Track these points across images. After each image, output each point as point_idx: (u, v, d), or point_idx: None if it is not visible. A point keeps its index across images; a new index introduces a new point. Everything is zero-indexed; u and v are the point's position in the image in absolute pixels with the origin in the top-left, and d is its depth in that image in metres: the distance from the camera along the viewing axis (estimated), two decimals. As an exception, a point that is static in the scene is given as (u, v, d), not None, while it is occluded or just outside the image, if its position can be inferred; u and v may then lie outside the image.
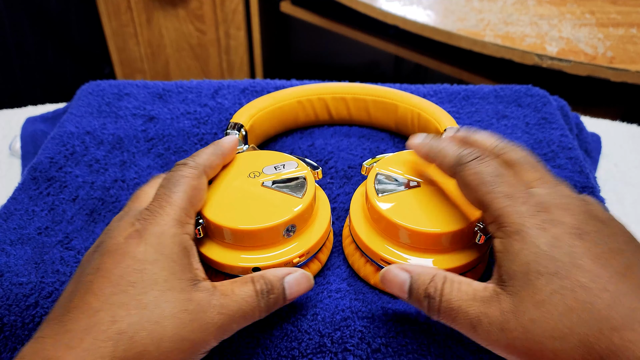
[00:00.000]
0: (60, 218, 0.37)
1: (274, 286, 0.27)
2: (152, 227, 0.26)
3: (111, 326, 0.23)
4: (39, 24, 1.16)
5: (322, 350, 0.29)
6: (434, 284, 0.26)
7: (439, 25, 0.89)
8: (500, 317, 0.24)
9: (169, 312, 0.24)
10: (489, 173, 0.26)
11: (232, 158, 0.34)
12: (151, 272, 0.25)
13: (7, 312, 0.30)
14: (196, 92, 0.49)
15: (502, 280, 0.25)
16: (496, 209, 0.26)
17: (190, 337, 0.24)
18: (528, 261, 0.24)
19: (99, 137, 0.44)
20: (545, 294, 0.23)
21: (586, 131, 0.51)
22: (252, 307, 0.26)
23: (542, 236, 0.24)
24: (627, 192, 0.48)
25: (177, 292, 0.25)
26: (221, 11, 1.22)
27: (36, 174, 0.40)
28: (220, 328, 0.25)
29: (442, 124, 0.39)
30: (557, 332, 0.22)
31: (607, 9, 0.94)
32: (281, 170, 0.33)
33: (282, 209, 0.30)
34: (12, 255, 0.34)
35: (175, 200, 0.28)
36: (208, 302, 0.25)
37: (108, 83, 0.50)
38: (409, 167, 0.33)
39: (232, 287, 0.27)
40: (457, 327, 0.25)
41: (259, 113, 0.41)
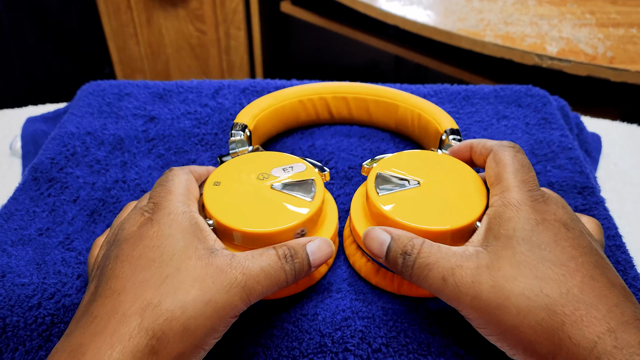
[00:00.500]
0: (61, 219, 0.37)
1: (297, 252, 0.28)
2: (161, 210, 0.28)
3: (135, 303, 0.24)
4: (39, 24, 1.16)
5: (323, 350, 0.29)
6: (412, 244, 0.28)
7: (439, 25, 0.89)
8: (474, 270, 0.26)
9: (190, 278, 0.25)
10: (520, 161, 0.29)
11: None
12: (168, 246, 0.26)
13: (9, 312, 0.30)
14: (196, 92, 0.49)
15: (487, 242, 0.27)
16: (507, 184, 0.28)
17: (214, 298, 0.25)
18: (516, 228, 0.26)
19: (100, 137, 0.44)
20: (523, 258, 0.25)
21: (586, 131, 0.51)
22: (276, 269, 0.27)
23: (535, 214, 0.27)
24: (627, 192, 0.48)
25: (196, 260, 0.26)
26: (221, 11, 1.22)
27: (37, 174, 0.40)
28: (245, 288, 0.26)
29: (442, 125, 0.39)
30: (527, 292, 0.24)
31: (607, 9, 0.94)
32: (289, 173, 0.33)
33: (293, 213, 0.30)
34: (13, 256, 0.34)
35: (174, 190, 0.29)
36: (229, 264, 0.26)
37: (108, 83, 0.50)
38: (409, 167, 0.33)
39: (253, 253, 0.27)
40: (425, 284, 0.27)
41: (261, 113, 0.41)
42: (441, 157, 0.35)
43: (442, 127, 0.39)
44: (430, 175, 0.33)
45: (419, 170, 0.33)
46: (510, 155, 0.30)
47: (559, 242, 0.26)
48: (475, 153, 0.33)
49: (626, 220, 0.44)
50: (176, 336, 0.24)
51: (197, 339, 0.24)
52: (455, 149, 0.35)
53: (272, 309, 0.31)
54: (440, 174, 0.33)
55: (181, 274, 0.25)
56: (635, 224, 0.44)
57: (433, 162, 0.34)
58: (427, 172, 0.33)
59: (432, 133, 0.41)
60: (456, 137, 0.38)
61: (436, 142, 0.40)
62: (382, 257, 0.29)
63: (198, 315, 0.24)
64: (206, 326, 0.25)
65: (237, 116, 0.40)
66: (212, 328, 0.25)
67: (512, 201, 0.27)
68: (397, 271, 0.28)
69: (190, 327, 0.24)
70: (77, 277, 0.33)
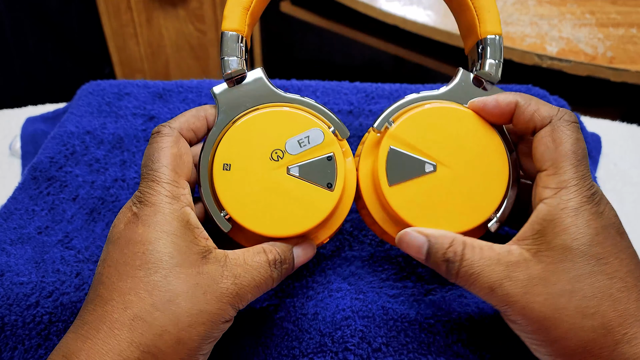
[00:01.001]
0: (61, 217, 0.37)
1: (286, 257, 0.28)
2: (147, 208, 0.26)
3: (124, 313, 0.23)
4: (39, 24, 1.16)
5: (323, 349, 0.29)
6: (453, 249, 0.26)
7: (439, 25, 0.89)
8: (526, 281, 0.24)
9: (180, 289, 0.24)
10: (582, 147, 0.26)
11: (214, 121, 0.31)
12: (154, 251, 0.25)
13: (7, 311, 0.30)
14: (196, 92, 0.49)
15: (537, 248, 0.25)
16: (566, 181, 0.26)
17: (207, 308, 0.24)
18: (576, 238, 0.24)
19: (99, 136, 0.44)
20: (582, 272, 0.24)
21: (586, 131, 0.51)
22: (265, 277, 0.27)
23: (595, 221, 0.25)
24: (627, 192, 0.48)
25: (186, 267, 0.25)
26: (221, 11, 1.22)
27: (36, 173, 0.40)
28: (236, 297, 0.25)
29: (485, 24, 0.31)
30: (582, 309, 0.23)
31: (607, 9, 0.94)
32: (306, 146, 0.29)
33: (313, 210, 0.29)
34: (12, 255, 0.34)
35: (161, 177, 0.27)
36: (221, 273, 0.25)
37: (108, 83, 0.50)
38: (425, 138, 0.29)
39: (245, 257, 0.27)
40: (475, 289, 0.26)
41: (251, 2, 0.31)
42: (464, 119, 0.29)
43: (482, 29, 0.31)
44: (448, 153, 0.29)
45: (436, 144, 0.29)
46: (573, 138, 0.26)
47: (617, 254, 0.25)
48: (522, 116, 0.28)
49: (626, 220, 0.44)
50: (171, 349, 0.23)
51: (192, 348, 0.24)
52: (492, 103, 0.28)
53: (271, 308, 0.31)
54: (459, 148, 0.29)
55: (170, 283, 0.24)
56: (635, 224, 0.44)
57: (453, 128, 0.29)
58: (444, 147, 0.29)
59: (467, 27, 0.32)
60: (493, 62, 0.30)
61: (469, 44, 0.32)
62: (422, 260, 0.28)
63: (191, 327, 0.24)
64: (200, 334, 0.24)
65: (223, 22, 0.31)
66: (205, 336, 0.25)
67: (570, 204, 0.25)
68: (441, 274, 0.27)
69: (183, 338, 0.24)
70: (75, 276, 0.33)
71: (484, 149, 0.29)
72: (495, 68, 0.30)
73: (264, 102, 0.30)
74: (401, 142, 0.29)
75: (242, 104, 0.30)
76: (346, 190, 0.30)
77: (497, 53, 0.30)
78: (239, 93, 0.30)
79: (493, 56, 0.30)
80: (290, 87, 0.49)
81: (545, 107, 0.27)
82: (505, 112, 0.28)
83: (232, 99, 0.30)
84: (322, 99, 0.48)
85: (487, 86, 0.31)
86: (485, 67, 0.30)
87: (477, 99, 0.29)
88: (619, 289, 0.24)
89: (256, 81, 0.30)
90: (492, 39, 0.30)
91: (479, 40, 0.31)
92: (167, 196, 0.26)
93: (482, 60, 0.30)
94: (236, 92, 0.30)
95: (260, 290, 0.27)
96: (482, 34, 0.31)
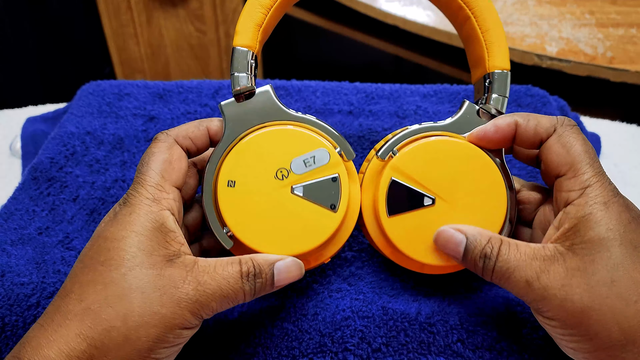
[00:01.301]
0: (61, 218, 0.37)
1: (262, 270, 0.27)
2: (126, 208, 0.26)
3: (78, 304, 0.24)
4: (39, 24, 1.16)
5: (323, 350, 0.29)
6: (491, 245, 0.26)
7: (439, 26, 0.89)
8: (563, 273, 0.24)
9: (135, 287, 0.24)
10: (590, 146, 0.27)
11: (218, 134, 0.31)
12: (119, 249, 0.25)
13: (8, 312, 0.30)
14: (196, 92, 0.49)
15: (572, 242, 0.25)
16: (588, 179, 0.26)
17: (160, 311, 0.24)
18: (610, 229, 0.25)
19: (100, 137, 0.44)
20: (620, 260, 0.24)
21: (586, 131, 0.51)
22: (235, 289, 0.26)
23: (625, 212, 0.25)
24: (627, 192, 0.47)
25: (146, 268, 0.25)
26: (221, 11, 1.22)
27: (37, 174, 0.40)
28: (196, 303, 0.25)
29: (494, 58, 0.31)
30: (625, 296, 0.23)
31: (607, 9, 0.94)
32: (312, 166, 0.29)
33: (315, 231, 0.29)
34: (13, 256, 0.34)
35: (146, 179, 0.27)
36: (183, 278, 0.25)
37: (108, 83, 0.50)
38: (427, 171, 0.30)
39: (216, 266, 0.26)
40: (509, 286, 0.26)
41: (265, 18, 0.31)
42: (467, 154, 0.30)
43: (490, 63, 0.31)
44: (447, 187, 0.30)
45: (436, 177, 0.30)
46: (580, 140, 0.27)
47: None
48: (525, 133, 0.28)
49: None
50: (117, 346, 0.23)
51: (142, 350, 0.24)
52: (492, 129, 0.29)
53: (271, 308, 0.31)
54: (459, 183, 0.30)
55: (127, 280, 0.24)
56: (635, 223, 0.44)
57: (455, 163, 0.30)
58: (444, 182, 0.30)
59: (476, 59, 0.33)
60: (498, 97, 0.31)
61: (477, 75, 0.32)
62: (459, 259, 0.28)
63: (140, 327, 0.24)
64: (150, 336, 0.24)
65: (235, 38, 0.31)
66: (157, 339, 0.24)
67: (599, 199, 0.26)
68: (476, 272, 0.27)
69: (131, 337, 0.23)
70: (76, 277, 0.33)
71: (483, 186, 0.30)
72: (500, 103, 0.31)
73: (271, 120, 0.30)
74: (402, 174, 0.30)
75: (250, 120, 0.30)
76: (350, 212, 0.30)
77: (504, 88, 0.31)
78: (246, 109, 0.30)
79: (499, 91, 0.31)
80: (290, 87, 0.49)
81: (544, 119, 0.28)
82: (506, 134, 0.29)
83: (239, 114, 0.30)
84: (322, 99, 0.48)
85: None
86: (491, 102, 0.31)
87: (475, 130, 0.30)
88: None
89: (264, 98, 0.30)
90: (500, 73, 0.31)
91: (486, 73, 0.31)
92: (147, 198, 0.27)
93: (488, 94, 0.31)
94: (244, 108, 0.30)
95: (227, 301, 0.26)
96: (490, 68, 0.31)
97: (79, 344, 0.23)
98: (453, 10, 0.32)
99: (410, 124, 0.46)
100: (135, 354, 0.24)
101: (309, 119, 0.30)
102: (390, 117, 0.46)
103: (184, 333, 0.25)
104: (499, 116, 0.29)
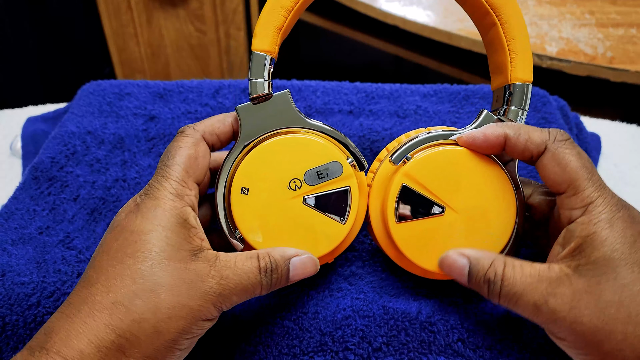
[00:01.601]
0: (62, 217, 0.37)
1: (279, 266, 0.28)
2: (150, 201, 0.27)
3: (106, 296, 0.24)
4: (39, 24, 1.16)
5: (323, 348, 0.29)
6: (494, 269, 0.26)
7: (439, 26, 0.89)
8: (571, 296, 0.24)
9: (164, 281, 0.24)
10: (586, 159, 0.27)
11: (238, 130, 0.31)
12: (147, 242, 0.25)
13: (9, 311, 0.30)
14: (197, 92, 0.49)
15: (577, 263, 0.25)
16: (589, 196, 0.26)
17: (188, 303, 0.25)
18: (615, 248, 0.24)
19: (100, 136, 0.44)
20: (627, 280, 0.24)
21: (586, 131, 0.51)
22: (253, 283, 0.27)
23: (630, 228, 0.25)
24: (627, 192, 0.48)
25: (174, 262, 0.25)
26: (221, 11, 1.22)
27: (37, 173, 0.40)
28: (219, 296, 0.25)
29: (517, 69, 0.30)
30: (634, 318, 0.23)
31: (607, 9, 0.94)
32: (324, 179, 0.29)
33: (323, 240, 0.29)
34: (13, 255, 0.34)
35: (171, 174, 0.28)
36: (207, 272, 0.26)
37: (109, 83, 0.50)
38: (438, 179, 0.30)
39: (236, 260, 0.27)
40: (517, 309, 0.26)
41: (285, 22, 0.30)
42: (479, 164, 0.30)
43: (513, 74, 0.31)
44: (457, 197, 0.30)
45: (447, 187, 0.30)
46: (575, 155, 0.26)
47: None
48: (515, 147, 0.28)
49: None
50: (147, 338, 0.24)
51: (169, 340, 0.24)
52: (480, 137, 0.29)
53: (272, 307, 0.31)
54: (469, 194, 0.30)
55: (155, 274, 0.25)
56: (635, 223, 0.44)
57: (467, 173, 0.30)
58: (455, 191, 0.30)
59: (498, 66, 0.32)
60: (518, 110, 0.31)
61: (497, 82, 0.32)
62: (466, 284, 0.28)
63: (170, 319, 0.24)
64: (178, 328, 0.24)
65: (254, 42, 0.30)
66: (183, 330, 0.25)
67: (602, 217, 0.25)
68: (484, 296, 0.27)
69: (161, 329, 0.24)
70: (77, 276, 0.33)
71: (494, 198, 0.30)
72: (519, 116, 0.31)
73: (286, 126, 0.30)
74: (414, 181, 0.30)
75: (265, 125, 0.30)
76: (357, 220, 0.31)
77: (524, 101, 0.31)
78: (263, 114, 0.30)
79: (519, 104, 0.31)
80: (290, 87, 0.49)
81: (536, 133, 0.28)
82: (495, 145, 0.29)
83: (255, 118, 0.30)
84: (322, 98, 0.48)
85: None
86: (510, 115, 0.31)
87: (465, 134, 0.29)
88: None
89: (282, 103, 0.30)
90: (521, 86, 0.31)
91: (507, 84, 0.31)
92: (172, 193, 0.27)
93: (508, 105, 0.31)
94: (260, 113, 0.30)
95: (246, 295, 0.27)
96: (512, 79, 0.31)
97: (108, 335, 0.23)
98: (480, 14, 0.32)
99: (410, 123, 0.46)
100: (162, 345, 0.24)
101: (323, 127, 0.30)
102: (391, 116, 0.46)
103: (205, 325, 0.26)
104: (490, 125, 0.29)
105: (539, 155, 0.27)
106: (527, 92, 0.30)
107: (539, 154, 0.27)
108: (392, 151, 0.31)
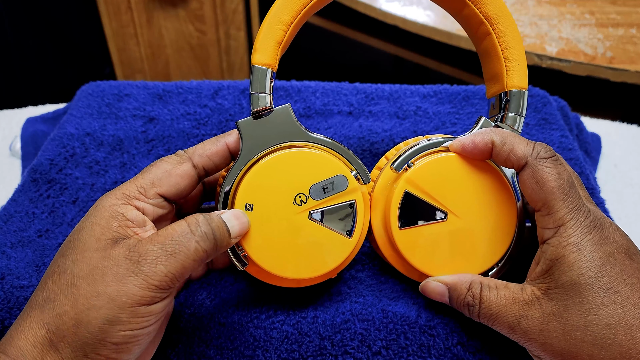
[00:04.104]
0: (61, 220, 0.37)
1: (211, 217, 0.26)
2: (97, 201, 0.27)
3: (41, 295, 0.25)
4: (39, 24, 1.16)
5: (323, 352, 0.29)
6: (471, 293, 0.28)
7: (439, 26, 0.89)
8: (540, 319, 0.26)
9: (82, 272, 0.25)
10: (565, 179, 0.27)
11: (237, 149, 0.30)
12: (75, 239, 0.26)
13: (8, 314, 0.30)
14: (196, 93, 0.49)
15: (547, 286, 0.26)
16: (561, 218, 0.26)
17: (105, 291, 0.24)
18: (581, 273, 0.25)
19: (99, 138, 0.44)
20: (592, 305, 0.25)
21: (586, 131, 0.51)
22: (187, 246, 0.25)
23: (598, 251, 0.26)
24: (627, 193, 0.48)
25: (93, 251, 0.25)
26: (221, 11, 1.22)
27: (36, 175, 0.40)
28: (140, 274, 0.24)
29: (513, 77, 0.31)
30: (599, 341, 0.24)
31: (607, 9, 0.94)
32: (330, 193, 0.29)
33: (330, 256, 0.29)
34: (12, 258, 0.34)
35: (136, 179, 0.28)
36: (126, 254, 0.25)
37: (108, 84, 0.50)
38: (441, 186, 0.30)
39: (160, 231, 0.26)
40: (496, 328, 0.28)
41: (286, 34, 0.31)
42: (480, 170, 0.30)
43: (509, 81, 0.31)
44: (460, 203, 0.30)
45: (449, 193, 0.30)
46: (554, 175, 0.26)
47: (626, 279, 0.25)
48: (498, 156, 0.28)
49: (626, 222, 0.44)
50: (69, 330, 0.24)
51: (93, 332, 0.24)
52: (469, 145, 0.29)
53: (271, 311, 0.31)
54: (471, 199, 0.30)
55: (77, 267, 0.25)
56: (636, 225, 0.44)
57: (468, 179, 0.30)
58: (457, 197, 0.30)
59: (493, 75, 0.32)
60: (515, 116, 0.31)
61: (492, 91, 0.32)
62: (447, 303, 0.30)
63: (88, 309, 0.24)
64: (100, 317, 0.24)
65: (253, 56, 0.30)
66: (107, 319, 0.24)
67: (572, 240, 0.26)
68: (467, 316, 0.29)
69: (82, 320, 0.24)
70: (76, 279, 0.33)
71: (495, 203, 0.30)
72: (517, 122, 0.31)
73: (288, 140, 0.30)
74: (416, 187, 0.30)
75: (267, 140, 0.30)
76: (362, 234, 0.31)
77: (521, 107, 0.31)
78: (264, 128, 0.30)
79: (516, 110, 0.31)
80: (289, 88, 0.49)
81: (520, 146, 0.28)
82: (484, 151, 0.29)
83: (256, 132, 0.29)
84: (322, 99, 0.48)
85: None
86: (507, 121, 0.31)
87: (455, 142, 0.30)
88: (633, 316, 0.24)
89: (283, 117, 0.30)
90: (518, 92, 0.31)
91: (504, 91, 0.31)
92: (122, 193, 0.27)
93: (505, 112, 0.31)
94: (262, 127, 0.30)
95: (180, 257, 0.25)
96: (508, 86, 0.31)
97: (40, 330, 0.24)
98: (474, 25, 0.32)
99: (410, 124, 0.46)
100: (89, 337, 0.24)
101: (326, 140, 0.30)
102: (390, 117, 0.46)
103: (139, 311, 0.24)
104: (480, 131, 0.29)
105: (519, 168, 0.28)
106: (523, 99, 0.31)
107: (520, 168, 0.28)
108: (393, 159, 0.31)
